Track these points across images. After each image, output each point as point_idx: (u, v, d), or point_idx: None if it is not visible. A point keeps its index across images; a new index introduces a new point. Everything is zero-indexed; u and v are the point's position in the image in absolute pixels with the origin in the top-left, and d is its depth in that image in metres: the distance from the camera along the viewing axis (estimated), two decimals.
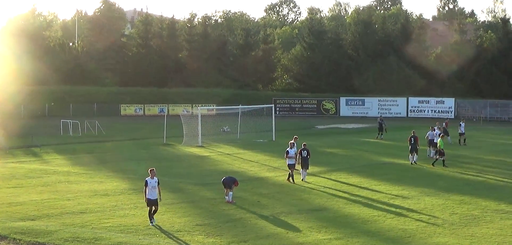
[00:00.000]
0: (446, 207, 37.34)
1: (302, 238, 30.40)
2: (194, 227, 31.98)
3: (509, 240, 30.05)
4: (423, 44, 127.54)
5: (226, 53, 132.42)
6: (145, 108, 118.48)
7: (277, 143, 70.60)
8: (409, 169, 53.02)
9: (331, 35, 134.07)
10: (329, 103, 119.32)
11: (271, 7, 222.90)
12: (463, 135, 67.66)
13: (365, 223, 33.48)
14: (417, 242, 29.98)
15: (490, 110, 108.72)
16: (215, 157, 61.42)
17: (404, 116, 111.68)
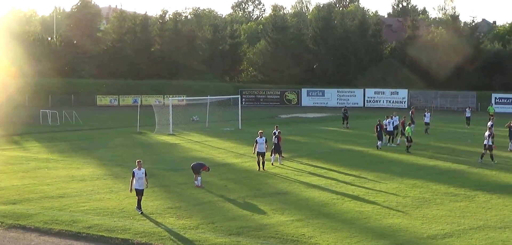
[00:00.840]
0: (400, 190, 37.62)
1: (266, 220, 30.51)
2: (165, 210, 32.00)
3: (457, 220, 30.35)
4: (379, 39, 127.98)
5: (195, 47, 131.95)
6: (119, 99, 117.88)
7: (243, 131, 70.67)
8: (365, 155, 53.27)
9: (293, 31, 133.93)
10: (291, 94, 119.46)
11: (237, 4, 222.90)
12: (428, 124, 67.94)
13: (324, 206, 33.65)
14: (372, 223, 30.17)
15: (440, 100, 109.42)
16: (185, 145, 61.35)
17: (361, 106, 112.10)
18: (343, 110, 77.89)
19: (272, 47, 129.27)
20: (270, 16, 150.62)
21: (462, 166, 47.04)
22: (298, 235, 27.78)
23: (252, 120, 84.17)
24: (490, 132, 49.57)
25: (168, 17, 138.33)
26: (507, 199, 35.13)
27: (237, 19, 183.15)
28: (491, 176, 42.98)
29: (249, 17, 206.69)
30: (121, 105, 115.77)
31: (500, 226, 29.38)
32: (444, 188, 38.41)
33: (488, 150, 48.84)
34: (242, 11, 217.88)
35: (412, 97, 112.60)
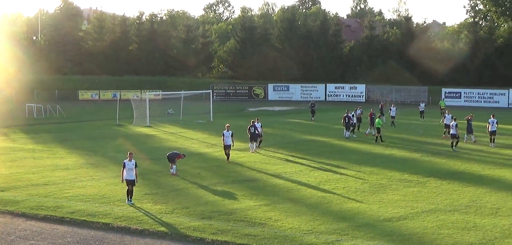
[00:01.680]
0: (358, 177, 37.77)
1: (236, 205, 30.51)
2: (143, 196, 31.90)
3: (411, 204, 30.52)
4: (339, 39, 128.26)
5: (170, 46, 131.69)
6: (100, 93, 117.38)
7: (214, 123, 70.61)
8: (327, 145, 53.42)
9: (260, 31, 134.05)
10: (258, 89, 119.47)
11: (209, 6, 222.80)
12: (394, 117, 68.04)
13: (289, 192, 33.70)
14: (334, 207, 30.26)
15: (395, 94, 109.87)
16: (161, 136, 61.18)
17: (323, 100, 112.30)
18: (311, 105, 77.92)
19: (240, 46, 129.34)
20: (239, 17, 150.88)
21: (415, 155, 47.31)
22: (266, 219, 27.80)
23: (223, 113, 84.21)
24: (455, 122, 50.41)
25: (145, 18, 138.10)
26: (456, 184, 35.39)
27: (208, 20, 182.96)
28: (442, 163, 43.28)
29: (219, 18, 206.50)
30: (102, 99, 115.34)
31: (450, 209, 29.58)
32: (399, 174, 38.63)
33: (454, 138, 50.00)
34: (213, 13, 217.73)
35: (370, 92, 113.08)
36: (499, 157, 46.55)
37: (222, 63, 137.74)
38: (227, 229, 26.18)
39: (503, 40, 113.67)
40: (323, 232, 25.86)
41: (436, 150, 49.94)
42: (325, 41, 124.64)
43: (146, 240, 25.44)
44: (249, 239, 24.89)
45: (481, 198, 31.95)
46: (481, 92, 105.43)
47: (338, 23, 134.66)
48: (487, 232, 25.73)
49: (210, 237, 25.29)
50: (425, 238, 25.03)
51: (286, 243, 24.43)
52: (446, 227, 26.54)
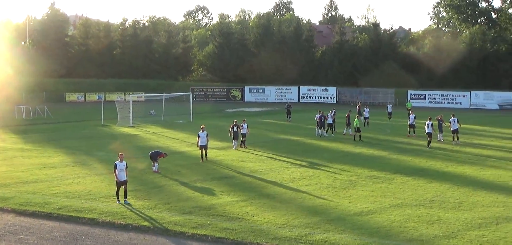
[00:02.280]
0: (330, 174, 37.88)
1: (215, 200, 30.51)
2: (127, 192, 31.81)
3: (379, 199, 30.67)
4: (311, 44, 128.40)
5: (152, 50, 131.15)
6: (86, 95, 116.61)
7: (194, 123, 70.42)
8: (300, 144, 53.48)
9: (237, 36, 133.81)
10: (236, 91, 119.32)
11: (188, 13, 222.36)
12: (367, 118, 68.09)
13: (265, 188, 33.76)
14: (307, 202, 30.33)
15: (364, 96, 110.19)
16: (144, 135, 60.97)
17: (297, 101, 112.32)
18: (287, 106, 77.90)
19: (219, 51, 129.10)
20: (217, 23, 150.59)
21: (383, 153, 47.52)
22: (243, 213, 27.82)
23: (202, 114, 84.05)
24: (430, 122, 51.02)
25: (128, 24, 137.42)
26: (421, 181, 35.61)
27: (188, 26, 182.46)
28: (408, 161, 43.51)
29: (199, 24, 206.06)
30: (87, 101, 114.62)
31: (415, 204, 29.75)
32: (368, 171, 38.81)
33: (430, 136, 50.77)
34: (192, 19, 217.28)
35: (340, 94, 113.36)
36: (461, 154, 46.88)
37: (201, 67, 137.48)
38: (206, 224, 26.18)
39: (464, 45, 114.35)
40: (297, 226, 25.92)
41: (402, 148, 50.24)
42: (298, 46, 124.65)
43: (129, 234, 25.39)
44: (227, 233, 24.91)
45: (444, 193, 32.17)
46: (444, 94, 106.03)
47: (311, 29, 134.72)
48: (450, 225, 25.91)
49: (190, 231, 25.29)
50: (392, 231, 25.15)
51: (262, 236, 24.46)
52: (412, 220, 26.69)
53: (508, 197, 31.22)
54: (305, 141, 55.16)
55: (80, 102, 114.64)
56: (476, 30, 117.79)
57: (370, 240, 23.96)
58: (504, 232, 24.90)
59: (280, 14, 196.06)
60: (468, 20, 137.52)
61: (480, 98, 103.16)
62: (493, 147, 51.05)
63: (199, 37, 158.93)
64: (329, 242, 23.73)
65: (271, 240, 24.06)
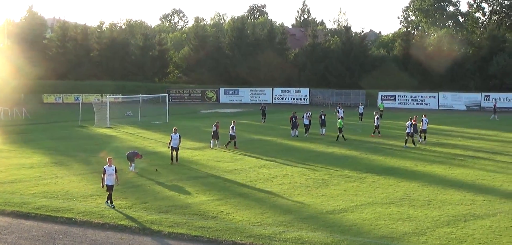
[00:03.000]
0: (303, 173, 37.94)
1: (191, 199, 30.45)
2: (104, 192, 31.51)
3: (351, 198, 30.79)
4: (285, 46, 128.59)
5: (129, 53, 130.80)
6: (63, 97, 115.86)
7: (170, 124, 70.11)
8: (273, 144, 53.51)
9: (212, 39, 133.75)
10: (211, 93, 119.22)
11: (164, 16, 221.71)
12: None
13: (239, 187, 33.75)
14: (281, 200, 30.36)
15: (336, 97, 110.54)
16: (121, 136, 60.69)
17: (270, 102, 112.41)
18: (262, 107, 77.81)
19: (194, 53, 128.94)
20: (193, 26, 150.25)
21: (355, 152, 47.68)
22: (218, 212, 27.78)
23: (178, 115, 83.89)
24: (410, 122, 51.64)
25: (105, 27, 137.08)
26: (392, 179, 35.79)
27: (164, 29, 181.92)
28: (379, 160, 43.71)
29: (174, 27, 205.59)
30: (65, 102, 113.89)
31: (386, 202, 29.89)
32: (340, 171, 38.93)
33: (410, 136, 51.43)
34: (168, 22, 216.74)
35: (313, 95, 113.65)
36: (430, 154, 47.18)
37: (177, 69, 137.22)
38: (183, 222, 26.12)
39: (433, 48, 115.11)
40: (271, 224, 25.93)
41: (373, 148, 50.45)
42: (272, 49, 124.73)
43: (107, 233, 25.26)
44: (203, 231, 24.86)
45: (414, 191, 32.35)
46: (413, 96, 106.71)
47: (284, 32, 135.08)
48: (420, 223, 26.05)
49: (167, 229, 25.21)
50: (364, 229, 25.24)
51: (236, 234, 24.44)
52: (383, 218, 26.81)
53: (476, 195, 31.45)
54: (279, 141, 55.21)
55: (58, 103, 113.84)
56: (444, 33, 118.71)
57: (342, 237, 24.01)
58: (472, 229, 25.08)
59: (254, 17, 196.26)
60: (436, 23, 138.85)
61: (448, 99, 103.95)
62: (460, 147, 51.43)
63: (175, 40, 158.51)
64: (302, 240, 23.76)
65: (245, 238, 24.05)
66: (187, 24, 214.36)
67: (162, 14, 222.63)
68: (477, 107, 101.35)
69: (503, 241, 23.63)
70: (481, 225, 25.80)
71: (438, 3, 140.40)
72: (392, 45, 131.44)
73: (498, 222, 26.26)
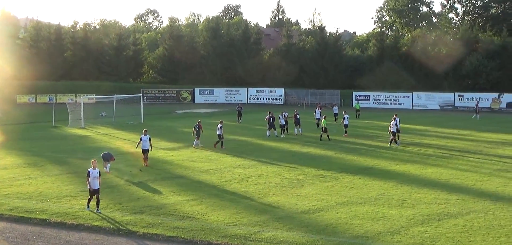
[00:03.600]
0: (278, 173, 37.97)
1: (166, 200, 30.35)
2: (78, 193, 31.47)
3: (325, 197, 30.85)
4: (259, 46, 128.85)
5: (103, 53, 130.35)
6: (37, 97, 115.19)
7: (145, 124, 69.94)
8: (249, 144, 53.48)
9: (187, 39, 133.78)
10: (186, 93, 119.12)
11: (139, 16, 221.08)
12: (319, 119, 68.07)
13: (214, 187, 33.69)
14: (256, 200, 30.36)
15: (311, 97, 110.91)
16: (95, 136, 60.38)
17: (245, 102, 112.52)
18: (238, 108, 77.73)
19: (169, 53, 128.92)
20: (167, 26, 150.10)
21: (330, 152, 47.79)
22: (193, 213, 27.74)
23: (153, 115, 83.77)
24: (395, 122, 52.25)
25: (79, 27, 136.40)
26: (366, 179, 35.92)
27: (138, 29, 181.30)
28: (354, 160, 43.86)
29: (149, 28, 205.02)
30: (38, 103, 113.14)
31: (361, 201, 30.00)
32: (315, 170, 39.00)
33: (394, 135, 52.14)
34: (143, 22, 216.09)
35: (288, 95, 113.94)
36: (404, 153, 47.43)
37: (151, 69, 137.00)
38: (158, 223, 26.05)
39: (406, 48, 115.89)
40: (246, 224, 25.93)
41: (348, 148, 50.62)
42: (246, 49, 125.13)
43: (81, 234, 25.11)
44: (178, 232, 24.80)
45: (388, 191, 32.51)
46: (388, 96, 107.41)
47: (259, 32, 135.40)
48: (394, 222, 26.19)
49: (142, 230, 25.12)
50: (339, 228, 25.31)
51: (212, 235, 24.42)
52: (357, 217, 26.91)
53: (449, 194, 31.67)
54: (254, 141, 55.22)
55: (32, 104, 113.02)
56: (418, 34, 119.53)
57: (317, 237, 24.06)
58: (445, 228, 25.25)
59: (229, 17, 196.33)
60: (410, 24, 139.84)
61: (421, 99, 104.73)
62: (434, 146, 51.77)
63: (150, 40, 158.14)
64: (277, 239, 23.78)
65: (221, 238, 24.03)
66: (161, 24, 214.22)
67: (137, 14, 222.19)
68: (451, 107, 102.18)
69: (476, 239, 23.83)
70: (455, 223, 26.00)
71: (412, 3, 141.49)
72: (366, 45, 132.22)
73: (472, 221, 26.48)
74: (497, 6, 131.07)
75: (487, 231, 24.90)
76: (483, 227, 25.56)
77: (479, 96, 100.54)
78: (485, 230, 25.04)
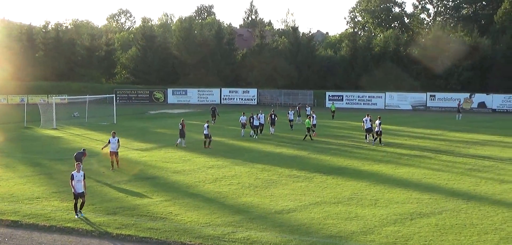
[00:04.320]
0: (251, 174, 37.96)
1: (139, 201, 30.24)
2: (51, 194, 31.24)
3: (299, 197, 30.89)
4: (232, 46, 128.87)
5: (75, 53, 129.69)
6: (8, 98, 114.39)
7: (118, 125, 69.75)
8: (223, 144, 53.36)
9: (160, 40, 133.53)
10: (159, 93, 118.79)
11: (111, 16, 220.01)
12: (292, 121, 67.89)
13: (188, 188, 33.60)
14: (229, 201, 30.32)
15: (284, 98, 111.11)
16: (68, 137, 59.97)
17: (219, 103, 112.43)
18: (211, 108, 77.47)
19: (142, 53, 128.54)
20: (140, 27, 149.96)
21: (303, 153, 47.88)
22: (166, 213, 27.65)
23: (126, 116, 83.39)
24: (379, 121, 53.00)
25: (51, 27, 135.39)
26: (339, 179, 36.04)
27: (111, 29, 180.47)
28: (327, 160, 43.98)
29: (121, 28, 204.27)
30: (10, 103, 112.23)
31: (334, 201, 30.09)
32: (288, 171, 39.06)
33: (378, 135, 52.82)
34: (115, 22, 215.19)
35: (261, 95, 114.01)
36: (377, 153, 47.67)
37: (124, 69, 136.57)
38: (131, 224, 25.93)
39: (379, 49, 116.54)
40: (220, 224, 25.90)
41: (321, 148, 50.74)
42: (219, 49, 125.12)
43: (53, 235, 24.92)
44: (151, 233, 24.71)
45: (361, 190, 32.65)
46: (360, 96, 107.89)
47: (232, 32, 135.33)
48: (367, 221, 26.30)
49: (115, 231, 24.99)
50: (312, 228, 25.36)
51: (185, 235, 24.36)
52: (331, 217, 26.99)
53: (422, 193, 31.88)
54: (227, 142, 55.15)
55: (3, 105, 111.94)
56: (390, 34, 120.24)
57: (291, 237, 24.09)
58: (418, 227, 25.41)
59: (202, 18, 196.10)
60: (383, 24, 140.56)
61: (394, 99, 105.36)
62: (406, 146, 52.09)
63: (122, 40, 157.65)
64: (251, 240, 23.79)
65: (194, 239, 23.98)
66: (134, 24, 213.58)
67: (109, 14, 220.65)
68: (423, 107, 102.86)
69: (448, 238, 24.00)
70: (427, 223, 26.17)
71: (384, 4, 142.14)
72: (339, 46, 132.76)
73: (444, 219, 26.67)
74: (468, 7, 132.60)
75: (459, 230, 25.11)
76: (455, 226, 25.76)
77: (450, 96, 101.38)
78: (457, 229, 25.25)
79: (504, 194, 32.10)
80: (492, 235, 24.47)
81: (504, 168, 40.84)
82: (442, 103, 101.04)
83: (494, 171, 39.41)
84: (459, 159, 44.79)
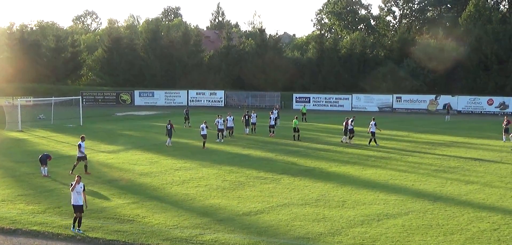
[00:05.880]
0: (219, 176, 37.97)
1: (106, 203, 30.11)
2: (16, 197, 30.97)
3: (267, 199, 31.00)
4: (199, 48, 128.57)
5: (40, 55, 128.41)
6: None
7: (84, 127, 69.28)
8: (189, 146, 53.29)
9: (126, 41, 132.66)
10: (125, 95, 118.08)
11: (77, 18, 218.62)
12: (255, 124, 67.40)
13: (155, 190, 33.52)
14: (197, 203, 30.32)
15: (251, 100, 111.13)
16: (33, 140, 59.42)
17: (185, 104, 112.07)
18: (185, 111, 76.97)
19: (108, 55, 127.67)
20: (106, 28, 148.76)
21: (270, 154, 47.97)
22: (134, 216, 27.55)
23: (92, 118, 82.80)
24: (374, 122, 54.59)
25: (15, 28, 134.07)
26: (307, 181, 36.18)
27: (77, 30, 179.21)
28: (294, 162, 44.10)
29: (87, 29, 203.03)
30: None
31: (302, 203, 30.20)
32: (256, 172, 39.12)
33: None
34: (81, 24, 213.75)
35: (228, 97, 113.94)
36: (344, 155, 47.95)
37: (90, 71, 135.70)
38: (98, 226, 25.80)
39: (346, 51, 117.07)
40: (187, 226, 25.87)
41: (289, 150, 50.86)
42: (186, 51, 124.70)
43: (19, 239, 24.71)
44: (119, 235, 24.61)
45: (329, 192, 32.81)
46: (327, 97, 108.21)
47: (198, 34, 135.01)
48: (335, 223, 26.44)
49: (81, 234, 24.83)
50: (280, 230, 25.44)
51: (153, 237, 24.30)
52: (298, 219, 27.09)
53: (388, 194, 32.14)
54: (195, 144, 55.01)
55: None
56: (357, 36, 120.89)
57: (258, 239, 24.15)
58: (385, 228, 25.62)
59: (169, 19, 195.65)
60: (349, 26, 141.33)
61: (361, 101, 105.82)
62: (373, 147, 52.43)
63: (88, 41, 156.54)
64: (219, 242, 23.79)
65: (162, 241, 23.92)
66: (100, 26, 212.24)
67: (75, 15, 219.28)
68: (389, 109, 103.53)
69: (415, 239, 24.22)
70: (394, 224, 26.40)
71: (350, 6, 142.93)
72: (306, 48, 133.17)
73: (410, 220, 26.92)
74: (433, 9, 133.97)
75: (426, 231, 25.36)
76: (422, 226, 26.01)
77: (416, 98, 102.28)
78: (423, 230, 25.50)
79: (469, 194, 32.49)
80: (458, 236, 24.75)
81: (469, 169, 41.33)
82: (408, 105, 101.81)
83: (459, 172, 39.87)
84: (425, 160, 45.21)
